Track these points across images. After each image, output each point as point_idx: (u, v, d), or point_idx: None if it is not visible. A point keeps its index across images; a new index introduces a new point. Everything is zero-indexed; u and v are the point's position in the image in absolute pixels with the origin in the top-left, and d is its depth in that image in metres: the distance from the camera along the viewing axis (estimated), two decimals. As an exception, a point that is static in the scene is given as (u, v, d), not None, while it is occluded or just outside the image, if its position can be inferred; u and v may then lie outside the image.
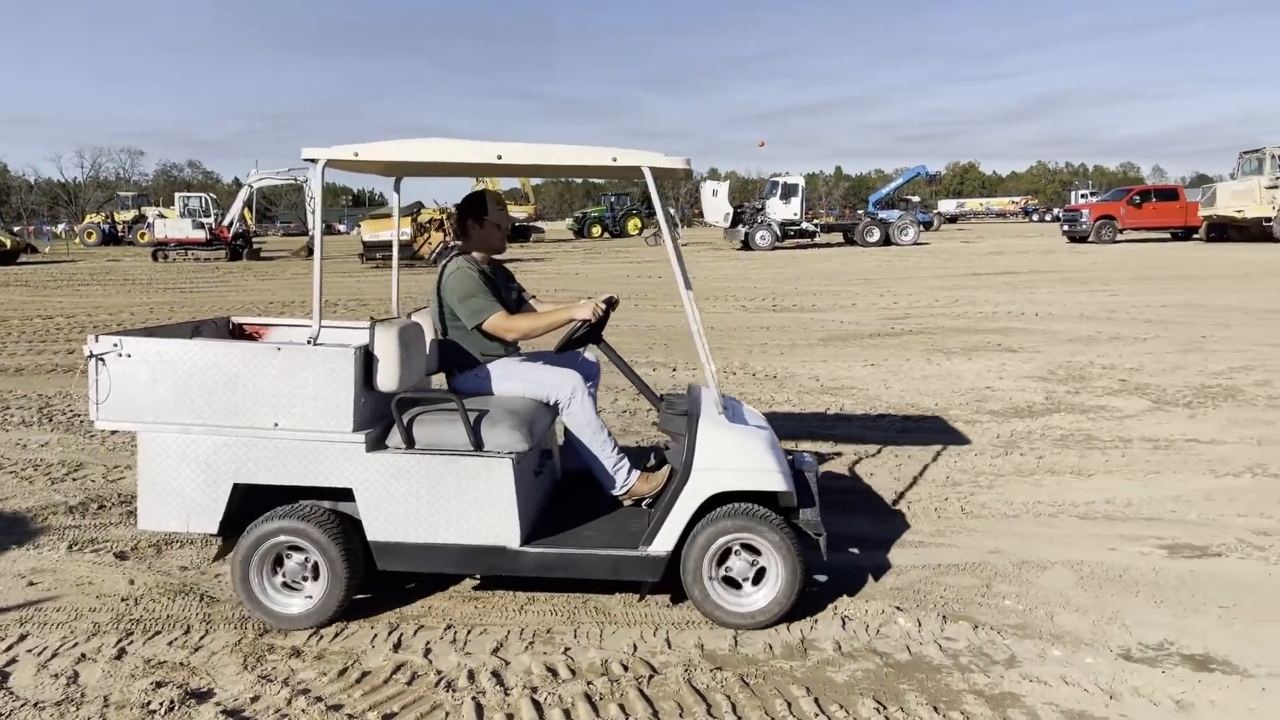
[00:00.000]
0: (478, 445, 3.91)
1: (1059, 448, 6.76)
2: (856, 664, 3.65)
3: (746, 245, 37.71)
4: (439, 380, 4.78)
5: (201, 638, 3.88)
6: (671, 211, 57.74)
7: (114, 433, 7.33)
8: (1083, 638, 3.86)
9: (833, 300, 17.23)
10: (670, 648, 3.78)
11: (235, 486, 3.89)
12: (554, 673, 3.57)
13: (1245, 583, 4.37)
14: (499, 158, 3.97)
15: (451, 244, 30.10)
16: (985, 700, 3.37)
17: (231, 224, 38.53)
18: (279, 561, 3.96)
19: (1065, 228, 38.76)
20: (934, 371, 9.82)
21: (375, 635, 3.89)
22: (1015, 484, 5.95)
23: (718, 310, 15.93)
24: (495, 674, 3.56)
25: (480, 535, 3.89)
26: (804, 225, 39.07)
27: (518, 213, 52.64)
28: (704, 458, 3.93)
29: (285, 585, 3.96)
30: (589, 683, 3.49)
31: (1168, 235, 38.34)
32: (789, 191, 38.90)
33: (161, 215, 44.12)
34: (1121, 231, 37.25)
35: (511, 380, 4.45)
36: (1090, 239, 36.88)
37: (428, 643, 3.82)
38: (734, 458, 3.94)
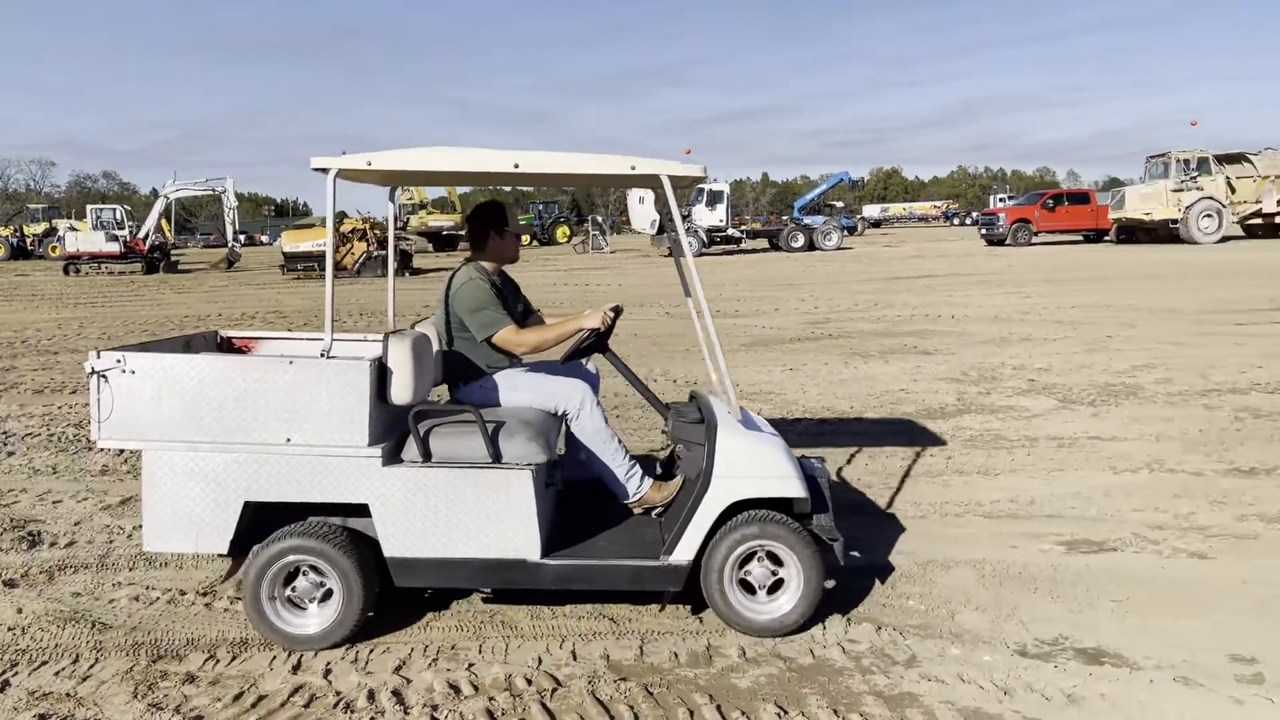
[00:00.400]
0: (496, 457, 3.87)
1: (968, 448, 6.89)
2: (760, 669, 3.67)
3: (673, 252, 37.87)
4: (440, 392, 4.66)
5: (91, 666, 3.75)
6: (600, 219, 58.02)
7: (112, 450, 7.09)
8: (981, 635, 3.94)
9: (756, 306, 17.38)
10: (576, 660, 3.76)
11: (246, 505, 3.79)
12: (456, 690, 3.53)
13: (1138, 576, 4.50)
14: (516, 166, 3.94)
15: (375, 254, 29.71)
16: (884, 701, 3.42)
17: (147, 236, 37.51)
18: (289, 581, 3.85)
19: (983, 231, 39.69)
20: (851, 375, 9.95)
21: (274, 658, 3.80)
22: (924, 485, 6.06)
23: (643, 317, 15.97)
24: (396, 693, 3.51)
25: (500, 549, 3.83)
26: (730, 231, 39.39)
27: (444, 221, 52.16)
28: (723, 465, 3.92)
29: (297, 605, 3.86)
30: (491, 699, 3.46)
31: (1080, 237, 39.48)
32: (714, 198, 39.19)
33: (73, 228, 42.83)
34: (1037, 234, 38.26)
35: (519, 391, 4.39)
36: (1007, 242, 37.81)
37: (328, 663, 3.74)
38: (753, 465, 3.93)
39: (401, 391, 3.87)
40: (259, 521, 3.89)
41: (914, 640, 3.89)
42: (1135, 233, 35.42)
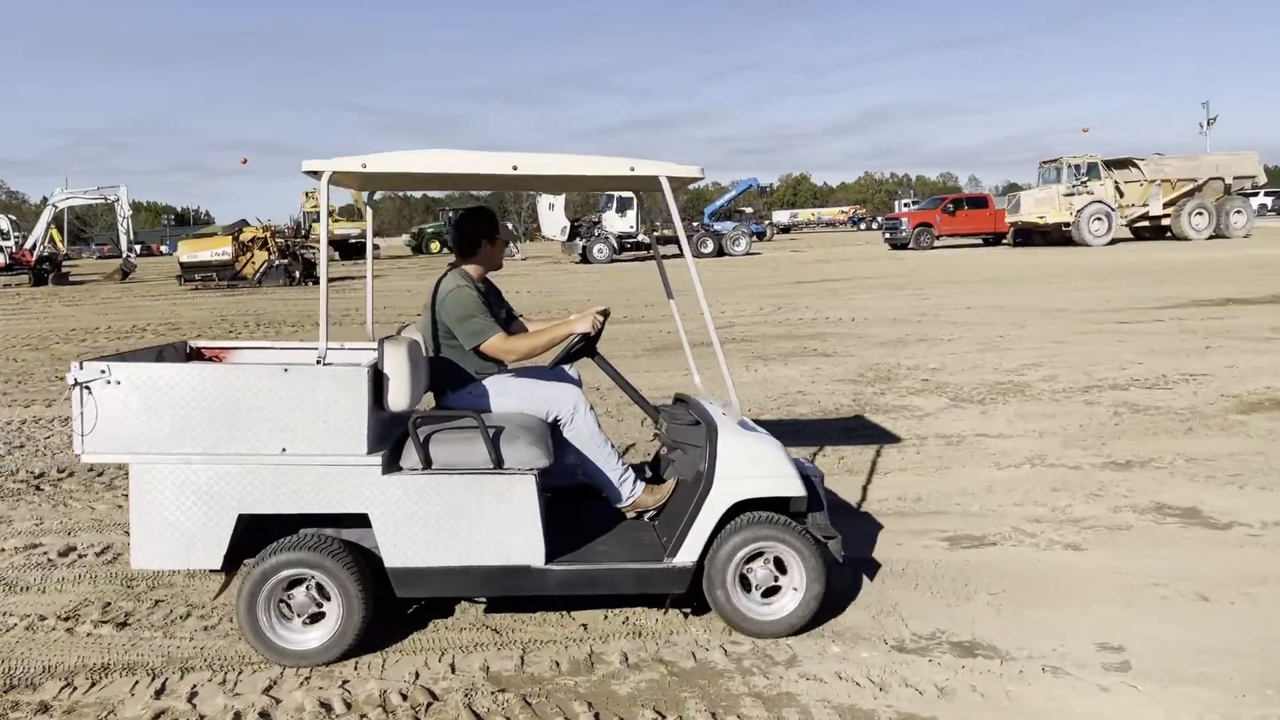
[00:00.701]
0: (498, 462, 3.81)
1: (862, 447, 7.00)
2: (641, 675, 3.64)
3: (585, 259, 37.84)
4: (426, 399, 4.51)
5: (-64, 699, 3.55)
6: (511, 226, 57.64)
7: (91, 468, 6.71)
8: (862, 633, 3.98)
9: (662, 311, 17.45)
10: (454, 672, 3.68)
11: (240, 518, 3.66)
12: (328, 708, 3.42)
13: (1015, 569, 4.61)
14: (514, 169, 3.88)
15: (277, 263, 29.03)
16: (762, 702, 3.42)
17: (35, 247, 36.05)
18: (284, 596, 3.74)
19: (887, 235, 40.54)
20: (751, 378, 10.04)
21: (136, 683, 3.64)
22: (816, 485, 6.11)
23: (547, 324, 15.88)
24: (264, 714, 3.39)
25: (504, 555, 3.78)
26: (640, 238, 39.52)
27: (350, 229, 51.25)
28: (726, 466, 3.90)
29: (293, 620, 3.74)
30: (363, 716, 3.36)
31: (980, 241, 40.58)
32: (624, 205, 39.26)
33: (-46, 239, 40.92)
34: (938, 238, 39.22)
35: (510, 397, 4.34)
36: (910, 246, 38.68)
37: (194, 686, 3.60)
38: (754, 465, 3.93)
39: (399, 398, 3.80)
40: (247, 536, 3.77)
41: (796, 639, 3.91)
42: (1031, 236, 36.54)
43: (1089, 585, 4.39)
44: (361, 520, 3.79)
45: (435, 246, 56.93)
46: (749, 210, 66.36)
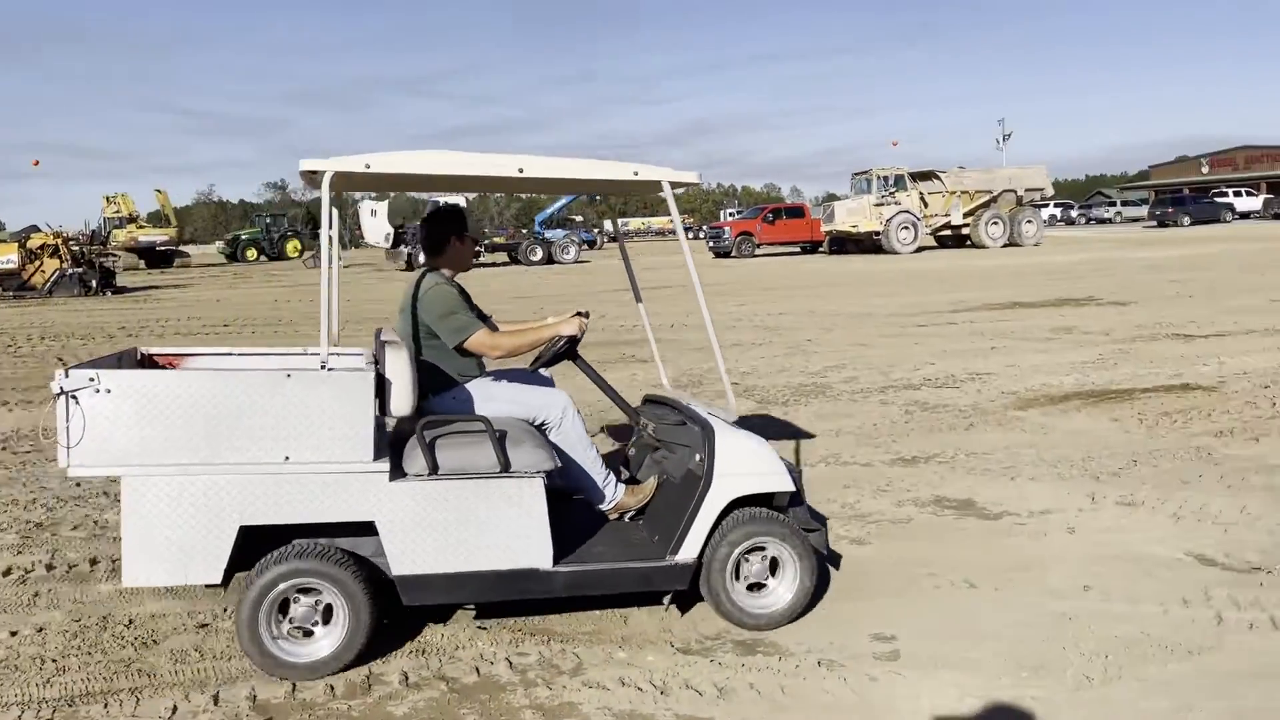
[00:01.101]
0: (505, 466, 3.76)
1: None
2: (421, 694, 3.53)
3: (409, 266, 37.06)
4: None
5: None
6: (332, 233, 55.87)
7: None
8: (649, 636, 3.99)
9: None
10: (217, 704, 3.47)
11: (241, 530, 3.51)
12: (71, 751, 3.16)
13: (802, 566, 4.72)
14: (520, 171, 3.90)
15: (70, 271, 27.13)
16: (543, 713, 3.37)
17: None
18: (284, 608, 3.59)
19: (711, 244, 41.50)
20: (569, 386, 9.99)
21: None
22: (619, 491, 6.12)
23: (355, 334, 15.41)
24: (-5, 763, 3.09)
25: (512, 559, 3.76)
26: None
27: (158, 235, 48.51)
28: (724, 464, 3.96)
29: (295, 633, 3.61)
30: (109, 757, 3.12)
31: (799, 249, 42.06)
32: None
33: None
34: (760, 246, 40.42)
35: (497, 401, 4.25)
36: (733, 254, 39.70)
37: None
38: (748, 463, 4.01)
39: (401, 403, 3.73)
40: (240, 548, 3.60)
41: (583, 648, 3.88)
42: (845, 244, 38.15)
43: (870, 578, 4.55)
44: (358, 528, 3.70)
45: (251, 253, 54.56)
46: (579, 219, 66.62)
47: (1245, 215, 59.27)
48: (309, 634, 3.62)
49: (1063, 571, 4.53)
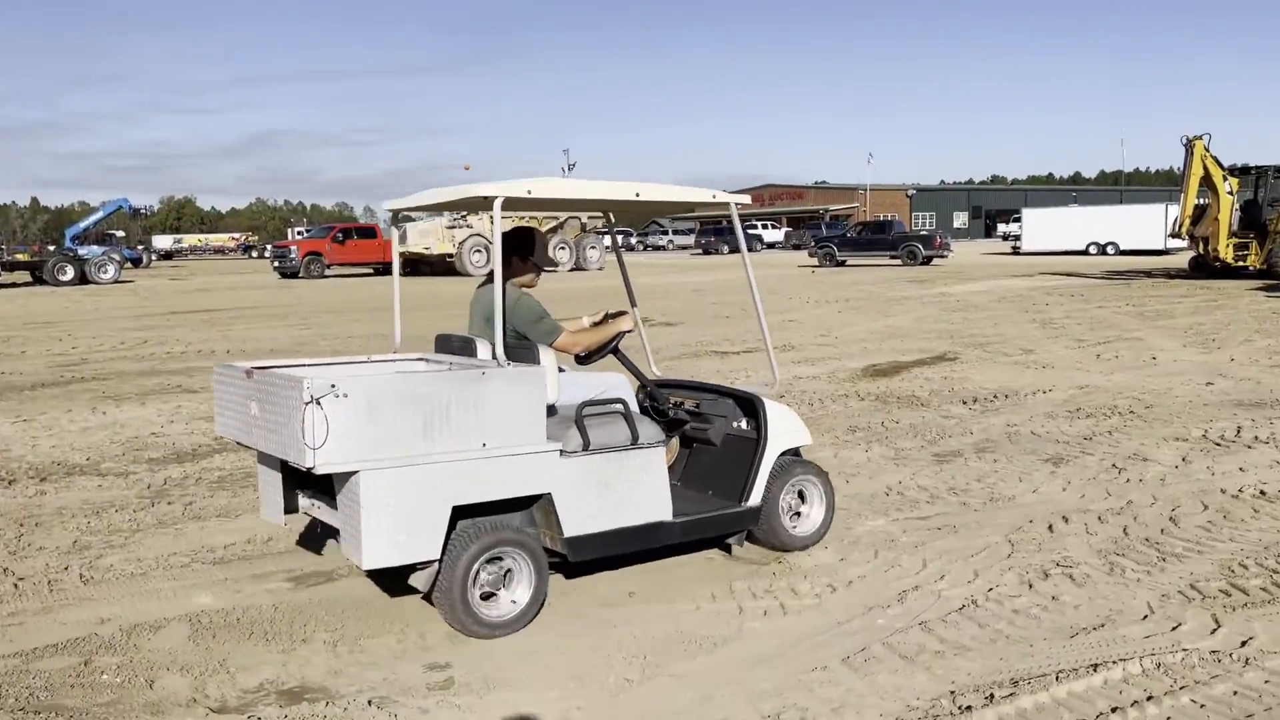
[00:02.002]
0: (634, 439, 4.45)
1: (213, 490, 6.52)
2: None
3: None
4: None
5: None
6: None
7: None
8: (180, 699, 3.61)
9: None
10: None
11: (454, 509, 3.97)
12: None
13: (357, 602, 4.55)
14: (637, 195, 4.75)
15: None
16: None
17: None
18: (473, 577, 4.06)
19: (276, 264, 39.46)
20: (97, 421, 8.93)
21: None
22: (154, 537, 5.55)
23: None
24: None
25: (645, 515, 4.48)
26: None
27: None
28: (774, 426, 4.93)
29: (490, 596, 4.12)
30: None
31: (371, 270, 41.25)
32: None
33: None
34: (330, 267, 39.08)
35: (578, 388, 4.82)
36: (301, 274, 38.03)
37: None
38: (788, 424, 5.04)
39: (553, 392, 4.34)
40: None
41: (100, 722, 3.43)
42: (419, 265, 38.03)
43: (429, 607, 4.48)
44: (507, 507, 4.22)
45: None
46: (120, 234, 60.31)
47: (772, 245, 67.70)
48: (492, 597, 4.14)
49: (611, 580, 4.77)
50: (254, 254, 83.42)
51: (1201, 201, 26.34)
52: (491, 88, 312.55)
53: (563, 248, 39.11)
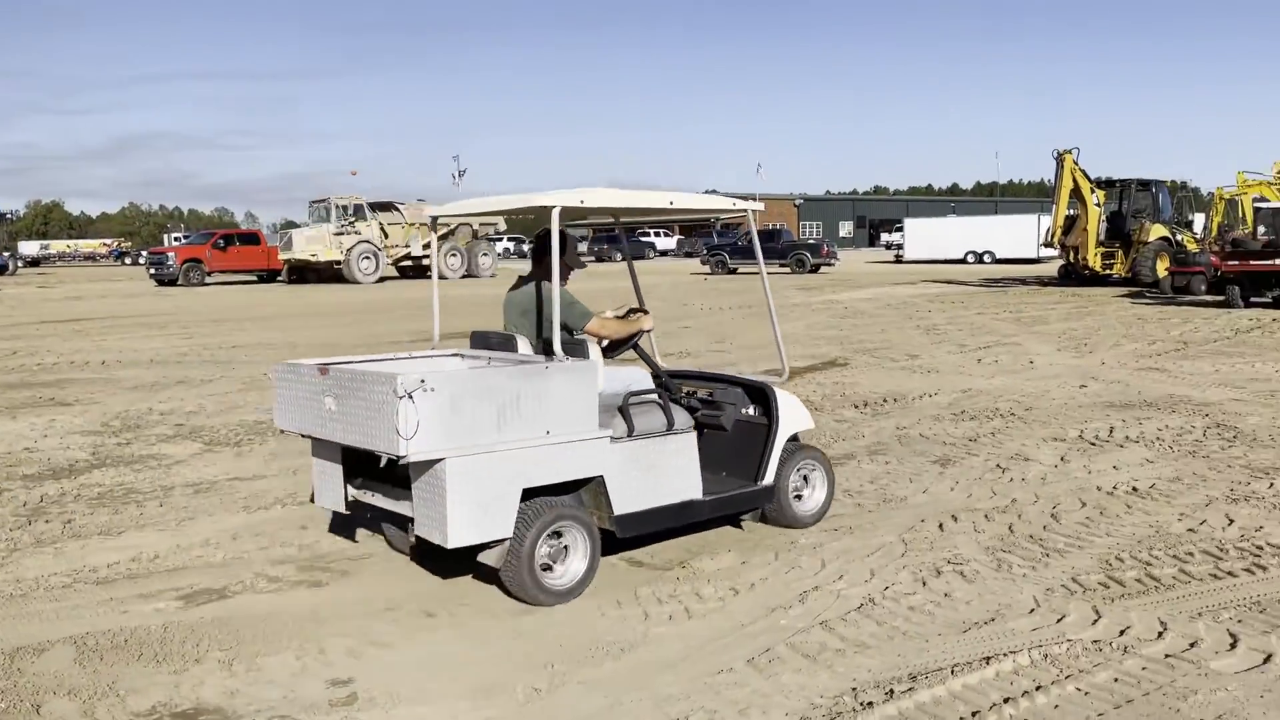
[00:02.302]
0: (670, 426, 4.89)
1: (93, 507, 6.25)
2: None
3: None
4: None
5: None
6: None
7: None
8: (67, 725, 3.45)
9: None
10: None
11: (523, 491, 4.37)
12: None
13: (254, 618, 4.42)
14: (670, 203, 5.32)
15: None
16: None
17: None
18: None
19: (152, 271, 38.03)
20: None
21: None
22: (32, 557, 5.29)
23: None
24: None
25: (679, 494, 4.91)
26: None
27: None
28: (783, 412, 5.40)
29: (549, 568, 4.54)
30: None
31: (255, 278, 40.04)
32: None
33: None
34: (210, 274, 37.80)
35: (613, 381, 5.08)
36: (179, 282, 36.69)
37: None
38: (794, 410, 5.51)
39: (602, 383, 4.77)
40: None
41: (-22, 754, 3.26)
42: (305, 273, 37.10)
43: (328, 621, 4.39)
44: (571, 486, 4.65)
45: None
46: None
47: (664, 253, 68.32)
48: (549, 569, 4.53)
49: (514, 589, 4.75)
50: (128, 261, 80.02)
51: (1071, 212, 27.62)
52: (378, 92, 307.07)
53: (454, 255, 38.68)
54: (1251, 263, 19.07)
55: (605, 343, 5.20)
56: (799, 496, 5.60)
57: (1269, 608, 4.33)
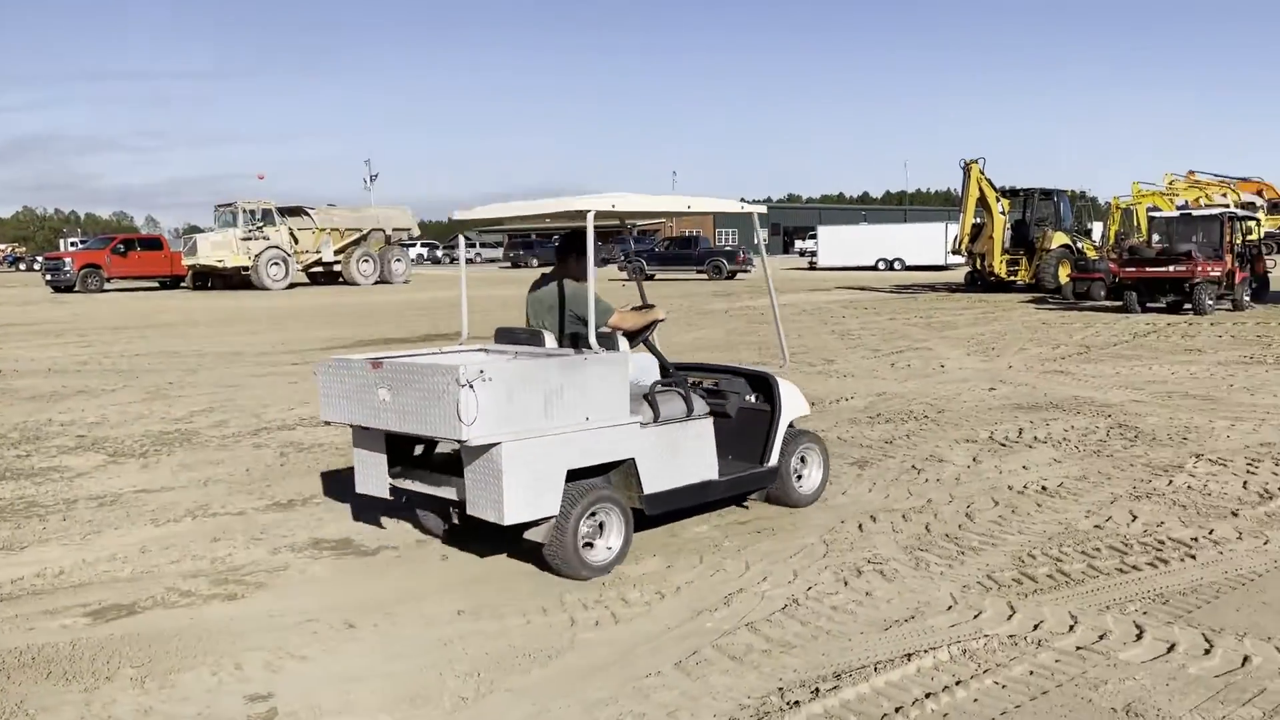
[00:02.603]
0: (690, 412, 5.34)
1: (-9, 522, 5.98)
2: None
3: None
4: None
5: None
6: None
7: None
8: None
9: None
10: None
11: (567, 473, 4.78)
12: None
13: (167, 633, 4.28)
14: (689, 207, 5.81)
15: None
16: None
17: None
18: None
19: (49, 277, 36.58)
20: None
21: None
22: (-76, 576, 5.03)
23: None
24: None
25: (700, 474, 5.38)
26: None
27: None
28: (785, 400, 5.84)
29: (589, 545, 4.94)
30: None
31: (157, 284, 38.82)
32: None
33: None
34: (110, 280, 36.53)
35: (647, 369, 5.69)
36: (76, 288, 35.38)
37: None
38: (794, 398, 5.96)
39: (633, 373, 5.25)
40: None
41: None
42: (211, 279, 36.10)
43: (244, 635, 4.27)
44: (603, 469, 5.04)
45: None
46: None
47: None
48: (590, 546, 4.94)
49: (438, 599, 4.69)
50: (22, 267, 76.79)
51: (978, 221, 28.40)
52: (287, 93, 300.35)
53: (366, 261, 38.06)
54: (1147, 269, 19.85)
55: (621, 334, 5.46)
56: (799, 477, 6.03)
57: (1172, 599, 4.51)
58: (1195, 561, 5.01)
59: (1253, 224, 22.58)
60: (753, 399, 5.97)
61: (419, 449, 5.40)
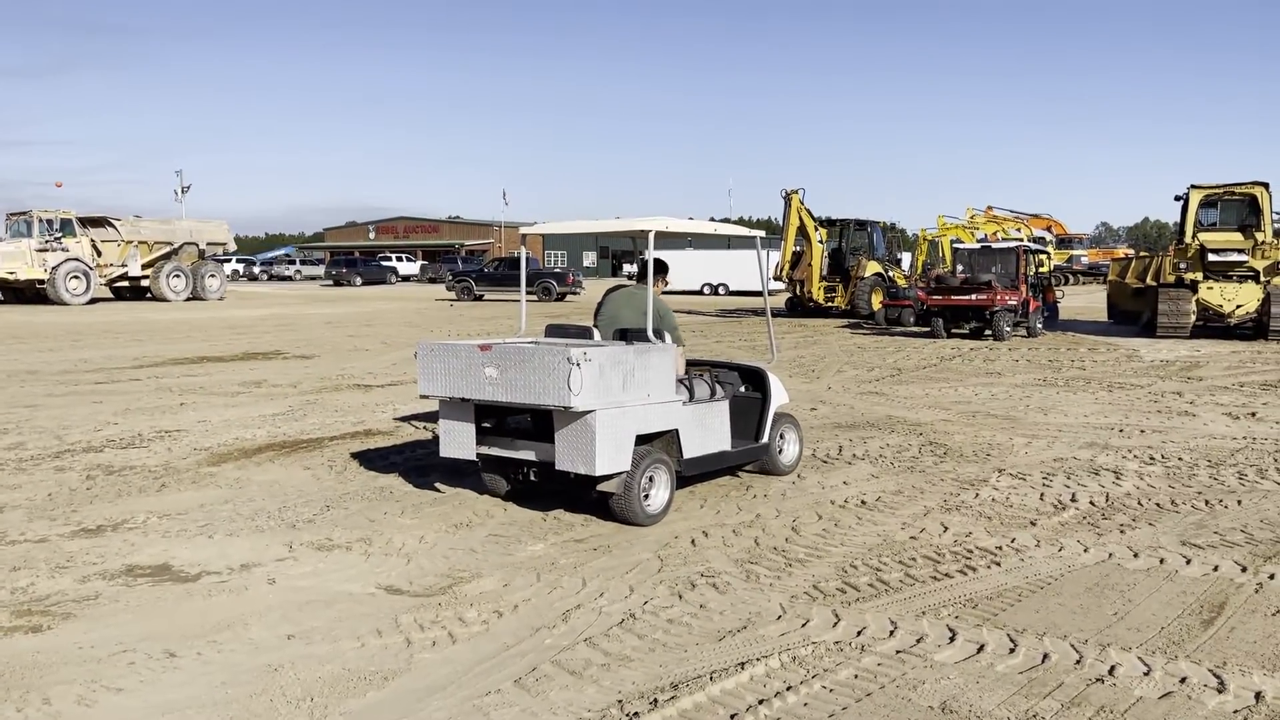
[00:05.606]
0: (713, 393, 6.75)
1: None
2: None
3: None
4: None
5: None
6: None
7: None
8: None
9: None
10: None
11: (636, 437, 6.01)
12: None
13: (-39, 671, 3.96)
14: (715, 230, 7.66)
15: None
16: None
17: None
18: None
19: None
20: None
21: None
22: None
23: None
24: None
25: (719, 445, 6.73)
26: None
27: None
28: (774, 389, 7.32)
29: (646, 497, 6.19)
30: None
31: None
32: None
33: None
34: (-118, 291, 33.23)
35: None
36: None
37: None
38: (781, 388, 7.43)
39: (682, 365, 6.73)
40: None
41: None
42: (3, 292, 33.43)
43: (52, 668, 4.00)
44: (652, 438, 6.27)
45: None
46: None
47: (407, 278, 66.91)
48: (647, 497, 6.13)
49: (266, 624, 4.52)
50: None
51: (798, 249, 29.57)
52: (90, 97, 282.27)
53: (177, 276, 36.10)
54: (952, 298, 21.16)
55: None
56: (781, 451, 7.49)
57: (980, 604, 4.84)
58: (1000, 568, 5.40)
59: (1044, 257, 24.46)
60: (744, 389, 7.33)
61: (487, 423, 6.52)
